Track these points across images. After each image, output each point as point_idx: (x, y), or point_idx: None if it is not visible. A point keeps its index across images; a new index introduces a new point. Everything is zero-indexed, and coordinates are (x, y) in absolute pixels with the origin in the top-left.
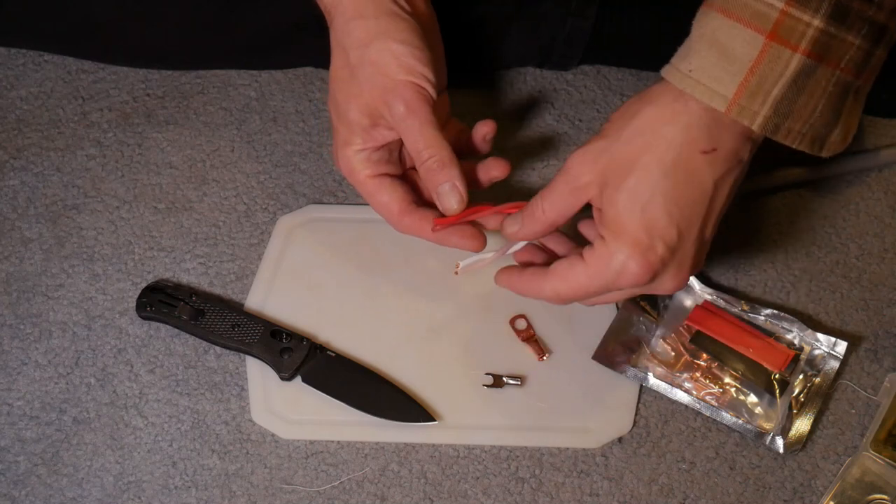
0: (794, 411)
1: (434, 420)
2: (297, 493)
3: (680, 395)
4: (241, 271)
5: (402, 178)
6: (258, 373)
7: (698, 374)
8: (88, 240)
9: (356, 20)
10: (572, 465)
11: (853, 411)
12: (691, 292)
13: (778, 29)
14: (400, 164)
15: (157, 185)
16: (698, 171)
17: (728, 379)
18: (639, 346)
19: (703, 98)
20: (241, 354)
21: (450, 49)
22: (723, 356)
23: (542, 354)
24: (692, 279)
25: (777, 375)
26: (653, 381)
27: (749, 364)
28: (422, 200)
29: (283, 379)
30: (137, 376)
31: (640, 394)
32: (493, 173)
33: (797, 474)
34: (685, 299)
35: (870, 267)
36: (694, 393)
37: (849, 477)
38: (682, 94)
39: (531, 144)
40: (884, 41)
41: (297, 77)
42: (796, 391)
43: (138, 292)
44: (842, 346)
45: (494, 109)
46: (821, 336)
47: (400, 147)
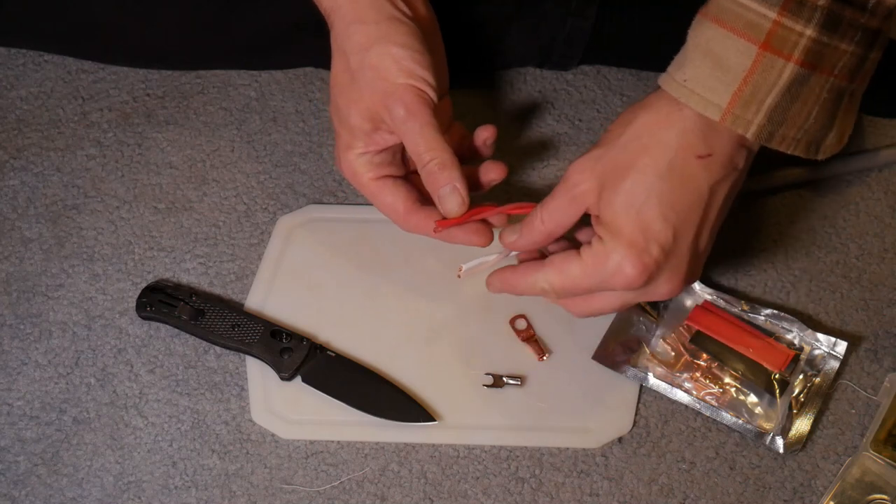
0: (794, 411)
1: (434, 420)
2: (297, 493)
3: (680, 395)
4: (241, 271)
5: (406, 179)
6: (258, 373)
7: (698, 374)
8: (88, 240)
9: (356, 24)
10: (572, 465)
11: (853, 411)
12: (691, 292)
13: (771, 39)
14: (403, 166)
15: (157, 185)
16: (694, 176)
17: (728, 379)
18: (639, 346)
19: (698, 107)
20: (241, 354)
21: (450, 49)
22: (723, 356)
23: (542, 354)
24: None
25: (777, 375)
26: (653, 381)
27: (749, 364)
28: (426, 199)
29: (283, 379)
30: (137, 376)
31: (640, 394)
32: (491, 176)
33: (797, 474)
34: (685, 299)
35: (870, 267)
36: (694, 393)
37: (849, 477)
38: (678, 102)
39: (531, 144)
40: (877, 44)
41: (297, 77)
42: (796, 391)
43: (138, 292)
44: (842, 346)
45: (494, 109)
46: (821, 336)
47: (402, 150)
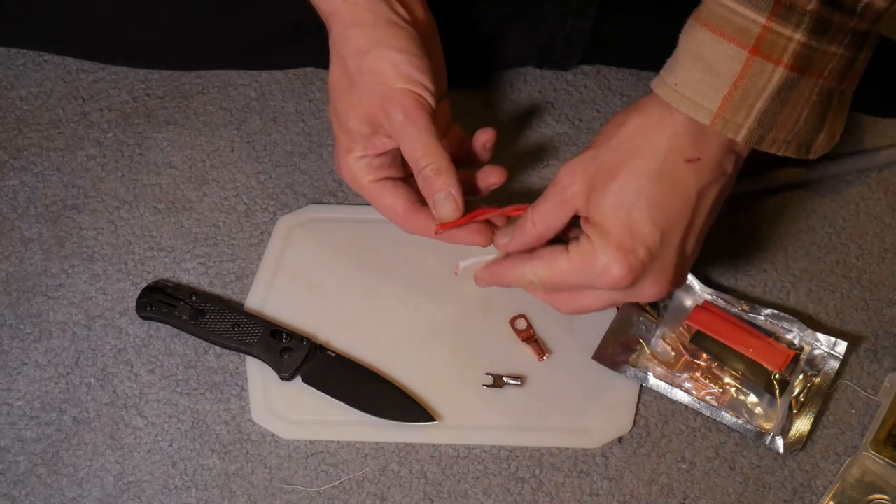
0: (794, 411)
1: (434, 420)
2: (297, 493)
3: (680, 395)
4: (241, 271)
5: (405, 181)
6: (258, 373)
7: (698, 374)
8: (88, 240)
9: (354, 28)
10: (572, 465)
11: (853, 411)
12: (691, 292)
13: (760, 44)
14: (402, 169)
15: (157, 185)
16: (683, 179)
17: (728, 379)
18: (639, 346)
19: (689, 111)
20: (241, 354)
21: (450, 49)
22: (723, 356)
23: (542, 354)
24: (692, 278)
25: (777, 375)
26: (653, 381)
27: (749, 364)
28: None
29: (283, 379)
30: (137, 376)
31: (640, 394)
32: (491, 180)
33: (797, 474)
34: (685, 299)
35: (870, 267)
36: (694, 393)
37: (849, 477)
38: (669, 106)
39: (531, 145)
40: (867, 46)
41: (297, 77)
42: (796, 391)
43: (138, 292)
44: (842, 346)
45: (494, 109)
46: (821, 336)
47: (401, 153)
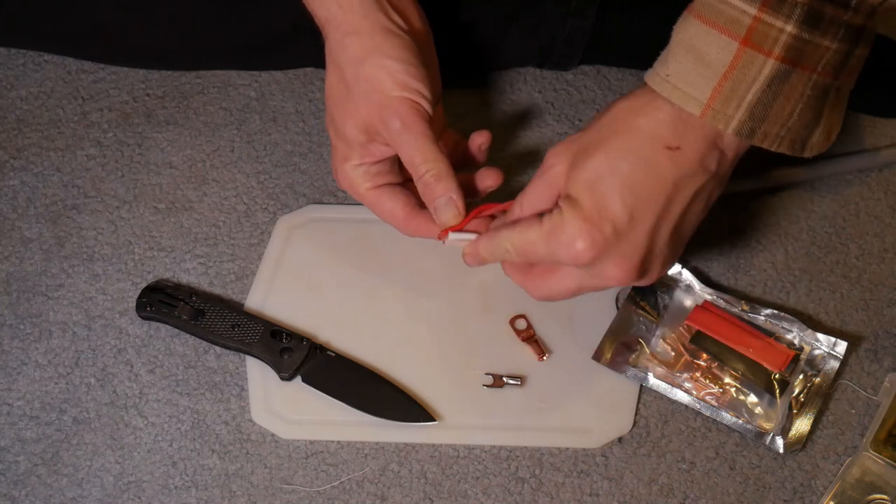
0: (794, 411)
1: (434, 420)
2: (297, 493)
3: (680, 395)
4: (241, 271)
5: (403, 185)
6: (258, 373)
7: (698, 374)
8: (88, 240)
9: (351, 36)
10: (572, 465)
11: (853, 411)
12: (691, 292)
13: (751, 35)
14: (400, 174)
15: (157, 185)
16: (659, 165)
17: (728, 379)
18: (639, 346)
19: (679, 102)
20: (241, 354)
21: (450, 49)
22: (723, 356)
23: (542, 354)
24: (692, 278)
25: (777, 375)
26: (653, 381)
27: (749, 364)
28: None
29: (283, 379)
30: (137, 376)
31: (640, 394)
32: (488, 183)
33: (797, 474)
34: (685, 299)
35: (870, 267)
36: (694, 393)
37: (849, 477)
38: (656, 93)
39: (531, 145)
40: (863, 41)
41: (297, 77)
42: (796, 391)
43: (138, 292)
44: (842, 346)
45: (494, 110)
46: (821, 336)
47: (398, 160)
